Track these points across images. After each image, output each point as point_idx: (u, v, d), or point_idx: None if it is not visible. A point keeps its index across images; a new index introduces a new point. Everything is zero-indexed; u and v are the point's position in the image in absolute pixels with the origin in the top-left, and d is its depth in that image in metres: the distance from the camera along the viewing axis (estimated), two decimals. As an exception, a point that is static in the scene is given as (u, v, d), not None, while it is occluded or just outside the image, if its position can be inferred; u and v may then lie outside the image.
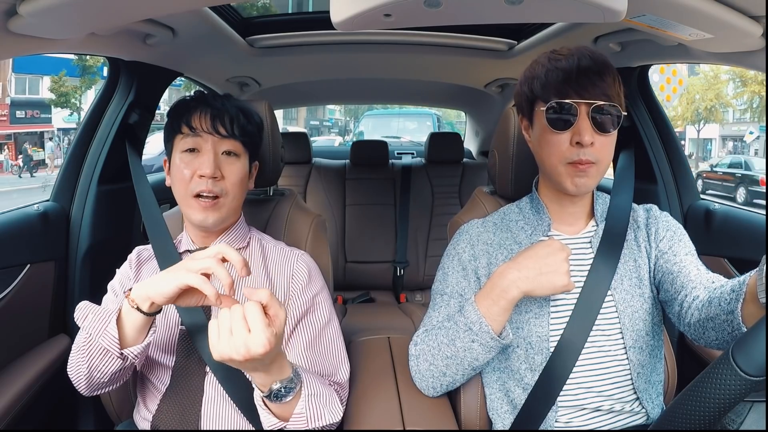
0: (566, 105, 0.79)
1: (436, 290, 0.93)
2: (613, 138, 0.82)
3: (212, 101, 0.92)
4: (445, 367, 0.83)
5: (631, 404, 0.84)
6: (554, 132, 0.81)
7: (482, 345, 0.79)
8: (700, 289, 0.77)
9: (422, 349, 0.86)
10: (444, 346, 0.82)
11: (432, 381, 0.86)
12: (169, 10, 0.98)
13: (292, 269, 0.93)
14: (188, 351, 0.87)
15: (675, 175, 1.42)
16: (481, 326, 0.78)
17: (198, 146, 0.90)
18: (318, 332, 0.90)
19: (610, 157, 0.83)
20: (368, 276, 2.31)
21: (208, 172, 0.87)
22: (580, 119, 0.79)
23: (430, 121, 6.67)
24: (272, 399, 0.72)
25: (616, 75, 0.81)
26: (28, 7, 0.75)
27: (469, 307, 0.80)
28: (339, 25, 0.68)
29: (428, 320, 0.90)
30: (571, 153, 0.80)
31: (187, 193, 0.89)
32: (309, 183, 2.40)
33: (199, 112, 0.90)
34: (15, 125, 17.66)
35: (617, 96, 0.80)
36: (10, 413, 1.05)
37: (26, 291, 1.19)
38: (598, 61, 0.80)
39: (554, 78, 0.80)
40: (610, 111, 0.79)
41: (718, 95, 19.39)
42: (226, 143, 0.91)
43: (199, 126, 0.89)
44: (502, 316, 0.78)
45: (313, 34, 1.62)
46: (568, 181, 0.82)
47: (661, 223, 0.89)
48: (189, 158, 0.89)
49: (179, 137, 0.91)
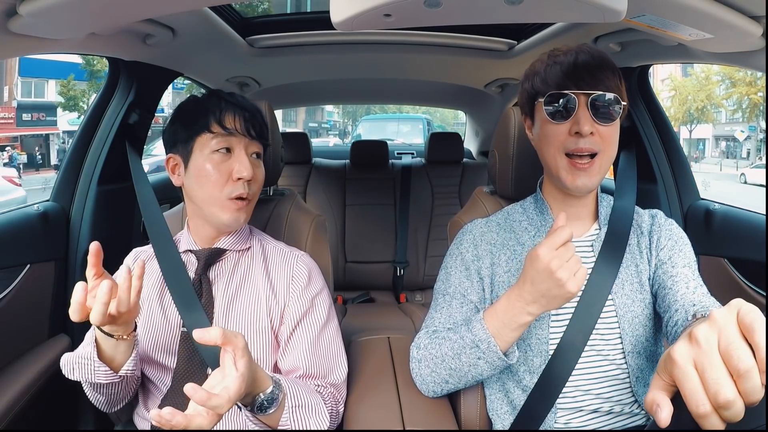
0: (564, 95, 0.79)
1: (439, 290, 0.92)
2: (615, 129, 0.82)
3: (243, 102, 0.90)
4: (448, 376, 0.83)
5: (630, 406, 0.84)
6: (554, 123, 0.81)
7: (488, 363, 0.78)
8: (681, 313, 0.76)
9: (425, 356, 0.86)
10: (449, 358, 0.81)
11: (433, 386, 0.86)
12: (169, 10, 0.98)
13: (292, 270, 0.93)
14: (189, 353, 0.87)
15: (675, 175, 1.42)
16: (489, 345, 0.76)
17: (231, 146, 0.87)
18: (317, 333, 0.90)
19: (613, 150, 0.83)
20: (368, 276, 2.31)
21: (247, 175, 0.86)
22: (579, 109, 0.79)
23: (421, 125, 7.24)
24: (256, 411, 0.72)
25: (615, 69, 0.81)
26: (28, 7, 0.75)
27: (477, 324, 0.78)
28: (339, 25, 0.68)
29: (430, 321, 0.90)
30: (570, 143, 0.80)
31: (222, 195, 0.87)
32: (309, 183, 2.40)
33: (232, 110, 0.88)
34: (21, 128, 17.74)
35: (617, 88, 0.80)
36: (10, 413, 1.05)
37: (26, 291, 1.19)
38: (596, 56, 0.81)
39: (553, 72, 0.81)
40: (610, 101, 0.79)
41: (709, 96, 19.55)
42: (254, 145, 0.90)
43: (233, 126, 0.87)
44: (512, 336, 0.76)
45: (313, 34, 1.62)
46: (568, 177, 0.81)
47: (664, 232, 0.88)
48: (220, 158, 0.87)
49: (207, 136, 0.87)
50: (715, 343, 0.39)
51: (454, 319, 0.87)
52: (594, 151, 0.80)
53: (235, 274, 0.93)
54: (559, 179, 0.83)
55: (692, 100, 19.88)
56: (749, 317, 0.39)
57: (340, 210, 2.36)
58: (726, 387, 0.37)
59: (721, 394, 0.37)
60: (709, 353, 0.39)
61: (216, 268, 0.93)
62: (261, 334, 0.88)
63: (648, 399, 0.42)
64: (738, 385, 0.38)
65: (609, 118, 0.79)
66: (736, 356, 0.38)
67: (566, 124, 0.80)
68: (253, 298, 0.90)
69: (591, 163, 0.80)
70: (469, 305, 0.88)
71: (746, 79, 17.38)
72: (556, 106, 0.80)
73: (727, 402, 0.37)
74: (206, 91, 0.95)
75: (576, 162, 0.80)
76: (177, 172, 0.91)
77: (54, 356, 1.21)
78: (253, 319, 0.89)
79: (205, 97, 0.91)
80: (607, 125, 0.80)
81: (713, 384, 0.38)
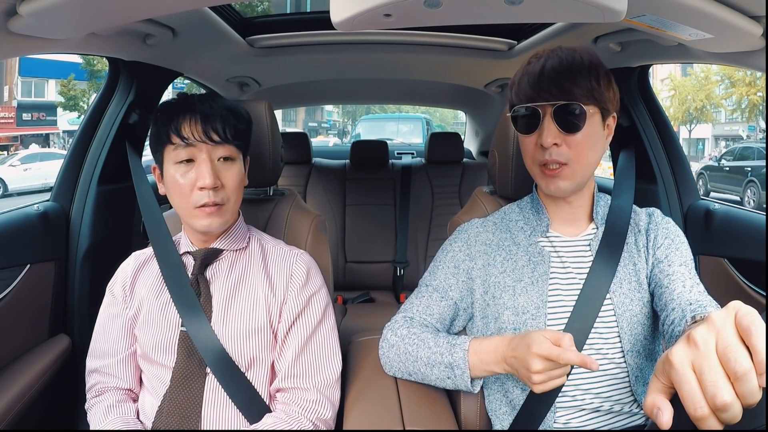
0: (529, 108, 0.81)
1: (424, 280, 0.94)
2: (588, 137, 0.80)
3: (199, 105, 0.86)
4: (414, 373, 0.87)
5: (629, 405, 0.84)
6: (524, 135, 0.84)
7: (455, 384, 0.82)
8: (678, 311, 0.76)
9: (398, 344, 0.87)
10: (422, 363, 0.84)
11: (396, 371, 0.90)
12: (169, 10, 0.98)
13: (291, 269, 0.93)
14: (189, 352, 0.87)
15: (675, 175, 1.42)
16: (463, 374, 0.80)
17: (193, 156, 0.85)
18: (309, 332, 0.90)
19: (590, 157, 0.82)
20: (368, 276, 2.31)
21: (208, 183, 0.84)
22: (544, 121, 0.80)
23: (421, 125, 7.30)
24: None
25: (592, 69, 0.79)
26: (28, 7, 0.75)
27: (460, 351, 0.80)
28: (339, 25, 0.68)
29: (409, 306, 0.92)
30: (539, 154, 0.82)
31: (189, 205, 0.86)
32: (309, 183, 2.40)
33: (188, 118, 0.84)
34: (21, 127, 17.77)
35: (590, 91, 0.78)
36: (10, 413, 1.05)
37: (26, 291, 1.19)
38: (566, 60, 0.79)
39: (524, 83, 0.82)
40: (573, 109, 0.78)
41: (708, 96, 19.59)
42: (221, 149, 0.86)
43: (190, 135, 0.84)
44: (484, 373, 0.79)
45: (313, 34, 1.62)
46: (543, 182, 0.84)
47: (661, 230, 0.89)
48: (184, 169, 0.85)
49: (170, 148, 0.85)
50: (712, 345, 0.39)
51: (431, 312, 0.89)
52: (562, 162, 0.80)
53: (232, 273, 0.93)
54: (540, 186, 0.87)
55: (692, 99, 19.91)
56: (747, 319, 0.39)
57: (340, 210, 2.36)
58: (723, 390, 0.37)
59: (719, 397, 0.37)
60: (707, 356, 0.39)
61: (213, 267, 0.93)
62: (259, 333, 0.88)
63: (648, 402, 0.42)
64: (736, 387, 0.37)
65: (574, 128, 0.79)
66: (733, 359, 0.38)
67: (533, 137, 0.82)
68: (251, 296, 0.90)
69: (561, 169, 0.81)
70: (449, 301, 0.90)
71: (746, 79, 17.41)
72: (522, 119, 0.83)
73: (724, 405, 0.37)
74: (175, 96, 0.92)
75: (545, 170, 0.82)
76: (160, 181, 0.92)
77: (54, 356, 1.22)
78: (250, 317, 0.89)
79: (168, 104, 0.89)
80: (574, 135, 0.79)
81: (711, 387, 0.38)
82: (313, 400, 0.87)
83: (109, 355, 0.93)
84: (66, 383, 1.25)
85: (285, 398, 0.88)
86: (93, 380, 0.94)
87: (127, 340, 0.93)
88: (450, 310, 0.90)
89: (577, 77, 0.78)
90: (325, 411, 0.88)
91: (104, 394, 0.93)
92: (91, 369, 0.95)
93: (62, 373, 1.24)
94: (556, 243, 0.89)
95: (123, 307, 0.93)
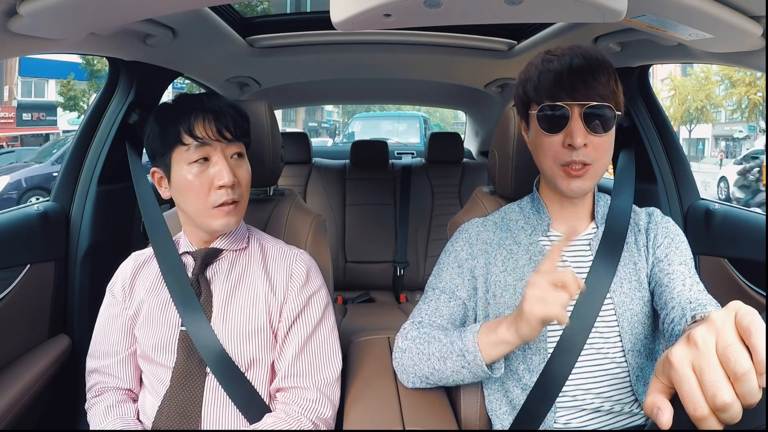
0: (558, 107, 0.78)
1: (430, 284, 0.94)
2: (609, 138, 0.81)
3: (210, 104, 0.86)
4: (430, 374, 0.85)
5: (630, 405, 0.84)
6: (547, 135, 0.80)
7: (472, 373, 0.80)
8: (677, 310, 0.76)
9: (410, 347, 0.86)
10: (435, 358, 0.83)
11: (413, 378, 0.88)
12: (169, 10, 0.98)
13: (291, 268, 0.93)
14: (189, 352, 0.87)
15: (675, 175, 1.42)
16: (475, 357, 0.78)
17: (207, 155, 0.85)
18: (309, 332, 0.90)
19: (608, 158, 0.82)
20: (368, 276, 2.31)
21: (227, 181, 0.84)
22: (572, 121, 0.78)
23: (418, 123, 6.95)
24: None
25: (611, 73, 0.80)
26: (28, 7, 0.75)
27: (470, 335, 0.79)
28: (339, 25, 0.68)
29: (417, 312, 0.91)
30: (564, 155, 0.80)
31: (207, 205, 0.86)
32: (309, 183, 2.40)
33: (200, 118, 0.84)
34: (21, 127, 17.77)
35: (612, 95, 0.79)
36: (10, 413, 1.05)
37: (26, 291, 1.19)
38: (591, 60, 0.79)
39: (546, 80, 0.80)
40: (603, 111, 0.78)
41: (708, 96, 19.58)
42: (233, 147, 0.88)
43: (204, 134, 0.84)
44: (495, 352, 0.77)
45: (313, 34, 1.62)
46: (563, 183, 0.82)
47: (661, 229, 0.89)
48: (199, 169, 0.85)
49: (181, 149, 0.84)
50: (712, 345, 0.39)
51: (440, 313, 0.88)
52: (587, 162, 0.79)
53: (232, 273, 0.93)
54: (555, 185, 0.84)
55: (692, 99, 19.91)
56: (747, 319, 0.39)
57: (340, 210, 2.36)
58: (723, 390, 0.37)
59: (719, 397, 0.37)
60: (707, 356, 0.39)
61: (213, 267, 0.93)
62: (259, 332, 0.88)
63: (647, 402, 0.42)
64: (735, 387, 0.37)
65: (603, 129, 0.79)
66: (733, 359, 0.38)
67: (559, 136, 0.79)
68: (251, 295, 0.91)
69: (585, 170, 0.80)
70: (458, 301, 0.89)
71: (746, 80, 17.40)
72: (549, 118, 0.80)
73: (724, 405, 0.37)
74: (174, 97, 0.91)
75: (569, 170, 0.80)
76: (163, 184, 0.90)
77: (54, 356, 1.22)
78: (250, 316, 0.89)
79: (172, 104, 0.88)
80: (600, 136, 0.79)
81: (711, 387, 0.38)
82: (313, 399, 0.87)
83: (109, 355, 0.93)
84: (66, 383, 1.25)
85: (285, 398, 0.88)
86: (93, 380, 0.95)
87: (127, 340, 0.93)
88: (460, 310, 0.89)
89: (602, 78, 0.78)
90: (325, 410, 0.87)
91: (104, 394, 0.93)
92: (91, 369, 0.95)
93: (62, 373, 1.24)
94: (557, 242, 0.89)
95: (123, 308, 0.93)
